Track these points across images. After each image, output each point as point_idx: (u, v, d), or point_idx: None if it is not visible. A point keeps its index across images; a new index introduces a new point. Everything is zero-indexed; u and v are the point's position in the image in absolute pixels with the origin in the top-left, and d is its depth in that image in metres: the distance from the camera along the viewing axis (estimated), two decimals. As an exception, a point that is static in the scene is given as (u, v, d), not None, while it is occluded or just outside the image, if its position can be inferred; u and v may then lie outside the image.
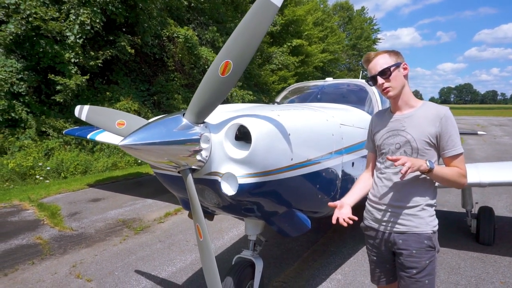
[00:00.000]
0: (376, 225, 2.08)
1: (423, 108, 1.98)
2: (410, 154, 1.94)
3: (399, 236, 1.98)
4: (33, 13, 8.80)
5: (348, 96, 4.86)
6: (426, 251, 1.94)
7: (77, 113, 3.21)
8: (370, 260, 2.22)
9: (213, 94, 2.04)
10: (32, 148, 9.11)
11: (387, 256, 2.10)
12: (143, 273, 3.84)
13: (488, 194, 6.83)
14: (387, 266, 2.14)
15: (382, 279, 2.19)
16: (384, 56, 1.98)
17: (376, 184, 2.10)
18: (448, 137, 1.89)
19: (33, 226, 5.35)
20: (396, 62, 1.96)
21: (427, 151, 1.92)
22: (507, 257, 4.10)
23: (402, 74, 1.98)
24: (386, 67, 1.94)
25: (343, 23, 39.15)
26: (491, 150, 13.79)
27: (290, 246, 4.48)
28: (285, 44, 20.47)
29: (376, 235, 2.10)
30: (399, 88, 1.97)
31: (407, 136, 1.95)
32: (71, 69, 9.66)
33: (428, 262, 1.94)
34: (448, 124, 1.89)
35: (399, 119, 2.01)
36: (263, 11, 1.90)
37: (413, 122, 1.95)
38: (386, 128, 2.05)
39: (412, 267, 1.94)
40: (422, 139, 1.91)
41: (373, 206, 2.10)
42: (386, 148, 2.04)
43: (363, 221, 2.21)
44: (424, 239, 1.94)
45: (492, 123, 33.48)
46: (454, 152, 1.90)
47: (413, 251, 1.94)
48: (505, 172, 4.35)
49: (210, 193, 2.36)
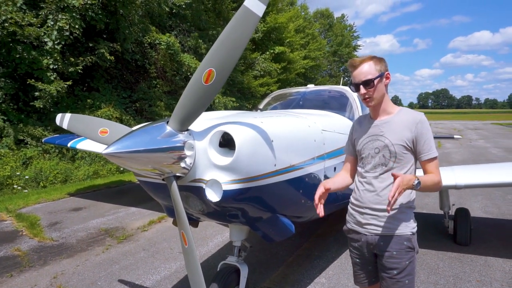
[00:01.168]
0: (358, 228, 2.14)
1: (400, 114, 2.05)
2: (389, 158, 2.01)
3: (380, 238, 2.04)
4: (9, 19, 8.60)
5: (329, 102, 4.97)
6: (406, 252, 2.00)
7: (58, 121, 3.17)
8: (353, 262, 2.27)
9: (196, 101, 2.08)
10: (9, 157, 8.84)
11: (369, 258, 2.15)
12: (127, 283, 3.79)
13: (465, 196, 7.06)
14: (369, 268, 2.19)
15: (364, 280, 2.24)
16: (369, 64, 2.00)
17: (357, 188, 2.16)
18: (424, 141, 1.97)
19: (11, 238, 5.20)
20: (380, 73, 1.99)
21: (404, 155, 2.00)
22: (483, 257, 4.25)
23: (384, 84, 2.04)
24: (371, 78, 1.97)
25: (324, 30, 39.81)
26: (467, 154, 14.25)
27: (275, 251, 4.51)
28: (267, 51, 20.65)
29: (358, 238, 2.15)
30: (380, 98, 2.04)
31: (385, 140, 2.02)
32: (50, 76, 9.47)
33: (408, 262, 2.00)
34: (424, 128, 1.97)
35: (378, 125, 2.08)
36: (245, 21, 1.96)
37: (390, 127, 2.03)
38: (366, 134, 2.12)
39: (393, 268, 2.01)
40: (399, 144, 1.98)
41: (355, 210, 2.16)
42: (366, 153, 2.10)
43: (345, 225, 2.26)
44: (404, 241, 2.01)
45: (467, 127, 34.64)
46: (430, 156, 1.98)
47: (393, 252, 2.00)
48: (480, 174, 4.53)
49: (195, 200, 2.38)
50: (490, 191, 7.44)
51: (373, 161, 2.06)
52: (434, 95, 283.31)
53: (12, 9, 8.78)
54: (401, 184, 1.78)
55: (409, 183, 1.83)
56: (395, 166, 2.00)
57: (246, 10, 1.93)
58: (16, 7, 8.95)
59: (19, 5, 9.04)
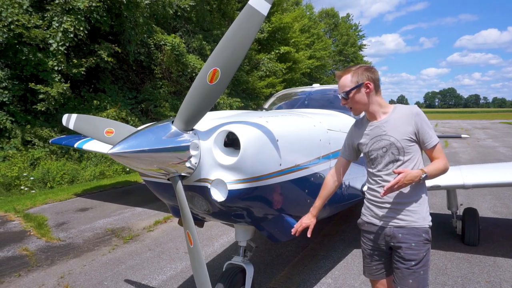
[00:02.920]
0: (375, 220, 2.19)
1: (396, 111, 2.12)
2: (397, 154, 2.07)
3: (398, 230, 2.10)
4: (15, 21, 8.69)
5: (334, 102, 4.94)
6: (424, 244, 2.08)
7: (64, 122, 3.19)
8: (366, 254, 2.32)
9: (201, 101, 2.07)
10: (17, 158, 8.94)
11: (385, 250, 2.20)
12: (133, 283, 3.80)
13: (473, 195, 6.98)
14: (384, 260, 2.24)
15: (377, 272, 2.28)
16: (346, 77, 2.10)
17: (372, 185, 2.21)
18: (424, 132, 2.05)
19: (19, 238, 5.25)
20: (356, 85, 2.07)
21: (410, 147, 2.06)
22: (492, 257, 4.20)
23: (364, 94, 2.09)
24: (347, 90, 2.09)
25: (329, 30, 39.68)
26: (474, 153, 14.10)
27: (280, 252, 4.50)
28: (272, 51, 20.64)
29: (375, 230, 2.20)
30: (361, 108, 2.14)
31: (390, 139, 2.08)
32: (55, 77, 9.56)
33: (425, 254, 2.08)
34: (422, 120, 2.05)
35: (378, 125, 2.14)
36: (250, 20, 1.95)
37: (391, 125, 2.09)
38: (369, 136, 2.17)
39: (411, 259, 2.06)
40: (404, 138, 2.05)
41: (373, 204, 2.21)
42: (374, 154, 2.15)
43: (361, 217, 2.31)
44: (422, 233, 2.08)
45: (475, 126, 34.28)
46: (432, 144, 2.06)
47: (412, 243, 2.06)
48: (488, 174, 4.47)
49: (200, 199, 2.37)
50: (498, 191, 7.36)
51: (384, 160, 2.11)
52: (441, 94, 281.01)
53: (19, 12, 8.88)
54: (403, 180, 1.92)
55: (414, 179, 1.95)
56: (406, 159, 2.07)
57: (251, 9, 1.93)
58: (23, 9, 9.05)
59: (25, 7, 9.14)
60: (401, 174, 1.93)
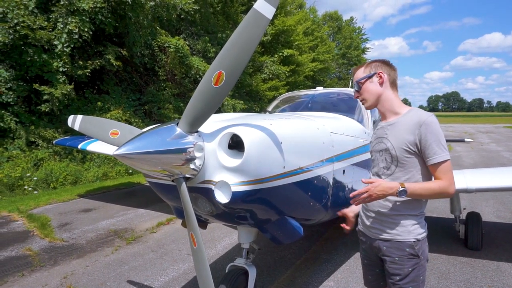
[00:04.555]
0: (365, 230, 2.14)
1: (407, 115, 1.95)
2: (390, 162, 1.95)
3: (383, 243, 2.01)
4: (21, 22, 8.77)
5: (338, 105, 4.95)
6: (409, 259, 1.94)
7: (70, 123, 3.22)
8: (362, 263, 2.28)
9: (206, 104, 2.09)
10: (21, 158, 8.99)
11: (376, 261, 2.13)
12: (136, 283, 3.82)
13: (476, 200, 6.96)
14: (377, 271, 2.17)
15: (373, 283, 2.24)
16: (360, 69, 2.07)
17: None
18: (428, 145, 1.84)
19: (23, 238, 5.28)
20: (366, 75, 2.02)
21: (407, 159, 1.91)
22: (495, 262, 4.18)
23: (376, 84, 2.01)
24: (358, 80, 2.04)
25: (332, 33, 39.69)
26: (478, 157, 14.05)
27: (283, 254, 4.50)
28: (276, 54, 20.67)
29: (365, 240, 2.15)
30: (373, 99, 2.03)
31: (387, 144, 1.97)
32: (59, 78, 9.62)
33: (411, 269, 1.94)
34: (428, 131, 1.83)
35: (383, 126, 2.05)
36: (255, 23, 1.97)
37: (394, 130, 1.96)
38: (375, 136, 2.12)
39: (395, 273, 1.97)
40: (401, 147, 1.90)
41: (364, 212, 2.15)
42: (373, 155, 2.10)
43: (357, 226, 2.27)
44: (406, 247, 1.94)
45: (479, 130, 34.17)
46: (435, 161, 1.84)
47: (395, 258, 1.97)
48: (491, 178, 4.47)
49: (204, 201, 2.39)
50: (502, 195, 7.32)
51: (379, 165, 2.03)
52: (444, 98, 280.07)
53: (24, 13, 8.95)
54: (373, 189, 1.80)
55: (388, 191, 1.81)
56: (397, 170, 1.93)
57: (256, 12, 1.94)
58: (28, 10, 9.12)
59: (30, 8, 9.21)
60: (372, 184, 1.80)
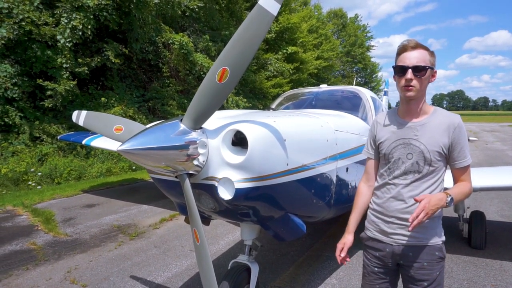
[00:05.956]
0: (382, 237, 1.97)
1: (436, 116, 1.88)
2: (423, 166, 1.85)
3: (408, 248, 1.89)
4: (26, 18, 8.80)
5: (342, 103, 4.94)
6: (437, 262, 1.89)
7: (74, 118, 3.23)
8: (369, 271, 2.07)
9: (210, 100, 2.09)
10: (25, 153, 9.05)
11: (393, 268, 2.00)
12: (139, 279, 3.84)
13: (480, 199, 6.92)
14: (388, 278, 2.04)
15: None
16: (424, 52, 1.83)
17: (381, 194, 1.99)
18: (460, 148, 1.83)
19: (27, 232, 5.32)
20: (432, 66, 1.84)
21: (438, 162, 1.85)
22: (498, 261, 4.16)
23: (429, 78, 1.87)
24: (424, 65, 1.80)
25: (337, 30, 39.52)
26: (482, 156, 13.96)
27: (286, 251, 4.51)
28: (280, 51, 20.62)
29: (382, 247, 1.98)
30: (421, 92, 1.85)
31: (420, 146, 1.84)
32: (63, 74, 9.66)
33: (438, 273, 1.89)
34: (461, 134, 1.83)
35: (411, 127, 1.88)
36: (260, 20, 1.96)
37: (426, 131, 1.85)
38: (396, 136, 1.92)
39: (424, 279, 1.88)
40: (435, 150, 1.82)
41: (378, 217, 1.99)
42: (395, 157, 1.92)
43: (364, 231, 2.10)
44: (436, 251, 1.88)
45: (484, 129, 33.92)
46: (465, 164, 1.84)
47: (424, 263, 1.87)
48: (496, 177, 4.44)
49: (207, 198, 2.39)
50: (506, 195, 7.28)
51: (404, 167, 1.88)
52: (449, 97, 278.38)
53: (29, 9, 8.98)
54: (428, 206, 1.66)
55: (439, 203, 1.70)
56: (428, 173, 1.85)
57: (261, 8, 1.93)
58: (33, 6, 9.15)
59: (36, 4, 9.24)
60: (423, 201, 1.66)
